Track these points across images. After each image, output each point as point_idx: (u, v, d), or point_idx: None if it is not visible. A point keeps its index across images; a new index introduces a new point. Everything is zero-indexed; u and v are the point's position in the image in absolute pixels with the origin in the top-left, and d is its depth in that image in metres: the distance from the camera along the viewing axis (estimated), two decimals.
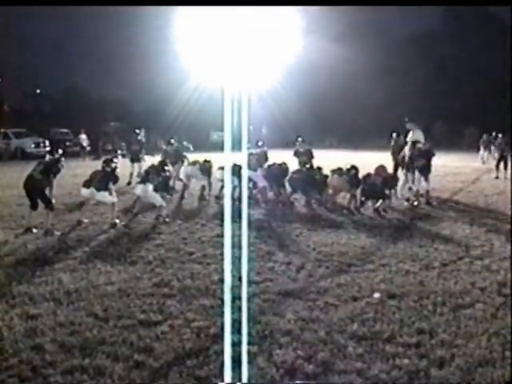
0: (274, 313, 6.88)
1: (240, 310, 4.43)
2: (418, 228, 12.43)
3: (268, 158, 19.63)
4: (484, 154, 35.98)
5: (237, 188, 13.40)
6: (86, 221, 12.87)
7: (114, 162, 13.05)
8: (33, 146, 44.04)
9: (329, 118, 64.50)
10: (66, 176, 18.93)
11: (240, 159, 4.77)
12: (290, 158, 18.81)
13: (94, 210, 14.08)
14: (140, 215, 13.66)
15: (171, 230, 12.18)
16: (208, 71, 4.23)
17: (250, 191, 15.44)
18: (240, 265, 4.34)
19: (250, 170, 15.16)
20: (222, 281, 4.27)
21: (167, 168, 14.39)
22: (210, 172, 17.20)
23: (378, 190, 14.54)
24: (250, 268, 8.05)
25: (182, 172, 17.96)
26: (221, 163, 13.25)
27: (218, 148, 5.12)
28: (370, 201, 14.77)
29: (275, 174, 16.55)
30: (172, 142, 20.96)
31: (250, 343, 5.73)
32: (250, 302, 6.99)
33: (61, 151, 13.35)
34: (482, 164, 33.11)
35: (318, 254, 9.84)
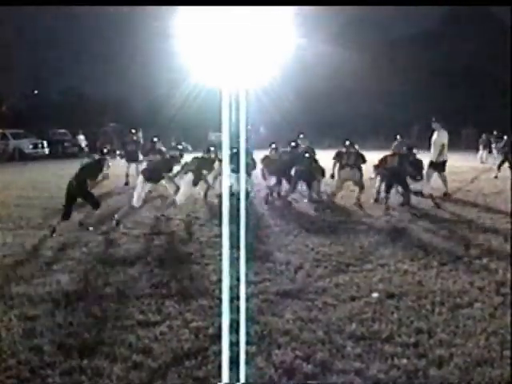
0: (272, 313, 6.87)
1: (238, 310, 4.43)
2: (416, 227, 12.44)
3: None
4: (483, 154, 35.98)
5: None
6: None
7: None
8: (31, 146, 44.08)
9: (328, 118, 64.57)
10: (65, 177, 18.93)
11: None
12: None
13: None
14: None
15: (169, 229, 12.20)
16: (206, 71, 4.22)
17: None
18: (238, 265, 4.34)
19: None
20: (221, 281, 4.25)
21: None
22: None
23: (399, 173, 14.49)
24: (248, 268, 8.10)
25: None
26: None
27: (217, 148, 5.12)
28: (393, 189, 14.73)
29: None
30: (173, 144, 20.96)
31: (249, 343, 5.73)
32: (248, 302, 7.01)
33: (105, 150, 13.24)
34: (481, 163, 33.10)
35: (316, 254, 9.85)
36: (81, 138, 47.67)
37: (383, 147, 29.22)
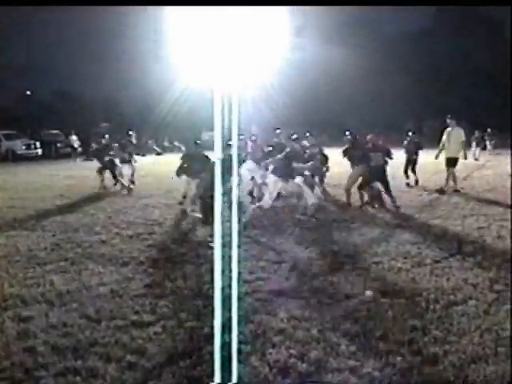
0: (266, 312, 6.87)
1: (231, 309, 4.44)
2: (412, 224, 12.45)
3: None
4: (476, 151, 36.02)
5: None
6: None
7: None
8: (24, 147, 44.05)
9: (321, 115, 64.61)
10: (59, 177, 18.96)
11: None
12: None
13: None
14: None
15: (163, 230, 12.19)
16: (198, 71, 4.22)
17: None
18: (231, 264, 4.34)
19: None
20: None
21: None
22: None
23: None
24: (242, 267, 8.09)
25: None
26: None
27: (211, 148, 5.10)
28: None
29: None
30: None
31: (243, 343, 5.74)
32: (242, 301, 7.01)
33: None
34: (474, 160, 33.13)
35: (310, 253, 9.84)
36: (73, 138, 47.59)
37: None
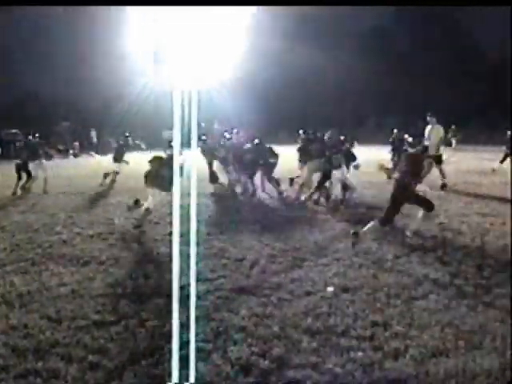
0: (227, 309, 6.86)
1: (196, 308, 4.44)
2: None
3: None
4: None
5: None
6: None
7: None
8: None
9: (280, 112, 64.66)
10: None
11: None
12: None
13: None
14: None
15: (124, 229, 12.10)
16: (158, 69, 4.19)
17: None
18: (190, 262, 4.33)
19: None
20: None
21: None
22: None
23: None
24: (203, 265, 8.09)
25: None
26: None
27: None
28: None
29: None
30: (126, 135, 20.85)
31: (204, 341, 5.79)
32: (203, 299, 7.01)
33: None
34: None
35: (271, 250, 9.86)
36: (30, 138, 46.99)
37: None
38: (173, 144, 4.30)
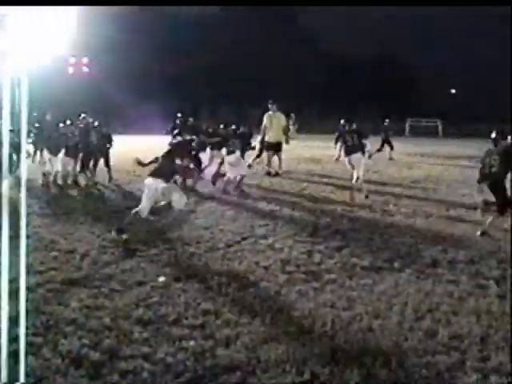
0: (58, 302, 6.62)
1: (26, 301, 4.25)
2: (205, 209, 12.53)
3: None
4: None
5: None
6: None
7: None
8: None
9: (111, 104, 63.68)
10: None
11: None
12: None
13: None
14: None
15: None
16: None
17: None
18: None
19: None
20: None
21: None
22: None
23: None
24: (33, 258, 7.77)
25: None
26: None
27: None
28: None
29: None
30: None
31: (35, 334, 5.56)
32: (33, 292, 6.72)
33: None
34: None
35: (102, 241, 9.62)
36: None
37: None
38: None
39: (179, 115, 19.98)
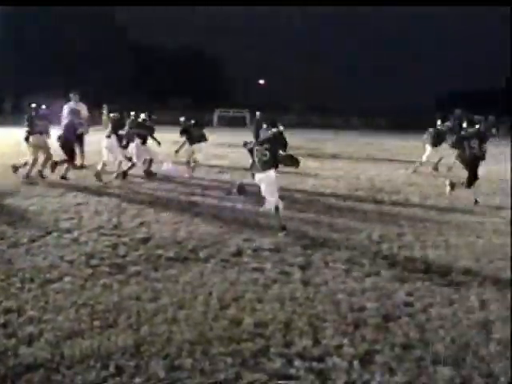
0: None
1: None
2: (6, 205, 12.10)
3: None
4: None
5: None
6: None
7: None
8: None
9: None
10: None
11: None
12: None
13: None
14: None
15: None
16: None
17: None
18: None
19: None
20: None
21: None
22: None
23: None
24: None
25: None
26: None
27: None
28: None
29: None
30: None
31: None
32: None
33: None
34: None
35: None
36: None
37: None
38: None
39: None
